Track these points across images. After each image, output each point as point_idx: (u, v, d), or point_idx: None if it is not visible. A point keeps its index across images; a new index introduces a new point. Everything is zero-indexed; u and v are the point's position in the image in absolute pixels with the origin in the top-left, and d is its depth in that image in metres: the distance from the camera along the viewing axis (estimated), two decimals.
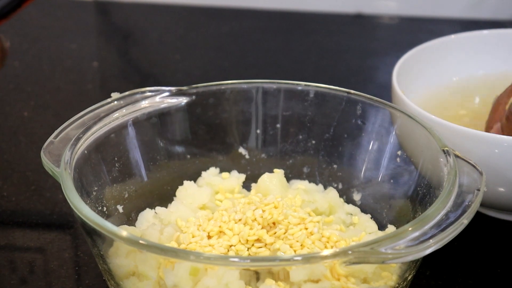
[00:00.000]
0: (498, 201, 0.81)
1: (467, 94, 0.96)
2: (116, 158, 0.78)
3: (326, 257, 0.62)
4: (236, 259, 0.64)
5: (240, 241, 0.70)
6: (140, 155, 0.80)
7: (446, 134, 0.75)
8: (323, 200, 0.78)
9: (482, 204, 0.80)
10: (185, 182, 0.80)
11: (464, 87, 0.96)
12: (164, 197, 0.80)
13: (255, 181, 0.80)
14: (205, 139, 0.84)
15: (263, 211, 0.71)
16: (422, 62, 0.94)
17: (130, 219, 0.78)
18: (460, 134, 0.78)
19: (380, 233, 0.77)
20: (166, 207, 0.79)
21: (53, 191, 0.90)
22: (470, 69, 0.97)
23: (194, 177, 0.81)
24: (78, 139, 0.74)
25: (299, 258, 0.62)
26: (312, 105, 0.83)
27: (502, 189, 0.79)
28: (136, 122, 0.80)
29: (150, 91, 0.81)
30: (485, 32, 0.97)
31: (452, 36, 0.97)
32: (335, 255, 0.62)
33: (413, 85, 0.92)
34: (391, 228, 0.76)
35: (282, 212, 0.71)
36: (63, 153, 0.72)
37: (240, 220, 0.71)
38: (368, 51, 1.23)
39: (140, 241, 0.64)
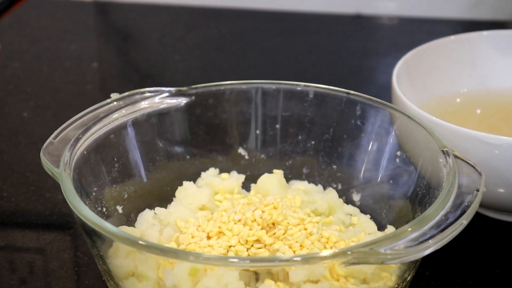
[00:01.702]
0: (497, 202, 0.81)
1: (467, 95, 0.96)
2: (115, 159, 0.78)
3: (325, 258, 0.62)
4: (235, 260, 0.64)
5: (239, 241, 0.70)
6: (140, 155, 0.80)
7: (446, 135, 0.75)
8: (322, 201, 0.78)
9: (482, 205, 0.80)
10: (185, 183, 0.80)
11: (465, 88, 0.96)
12: (164, 198, 0.80)
13: (255, 182, 0.80)
14: (204, 139, 0.84)
15: (263, 211, 0.71)
16: (422, 63, 0.94)
17: (129, 220, 0.78)
18: (460, 135, 0.78)
19: (380, 234, 0.77)
20: (166, 207, 0.79)
21: (52, 192, 0.90)
22: (470, 70, 0.97)
23: (194, 177, 0.81)
24: (77, 139, 0.74)
25: (298, 258, 0.62)
26: (312, 105, 0.83)
27: (501, 190, 0.79)
28: (136, 123, 0.80)
29: (149, 91, 0.81)
30: (485, 33, 0.97)
31: (452, 37, 0.97)
32: (334, 256, 0.62)
33: (413, 86, 0.92)
34: (390, 229, 0.76)
35: (281, 212, 0.71)
36: (63, 154, 0.72)
37: (239, 220, 0.71)
38: (367, 52, 1.23)
39: (140, 242, 0.64)
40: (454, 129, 0.79)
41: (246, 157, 0.84)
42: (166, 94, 0.81)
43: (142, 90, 0.81)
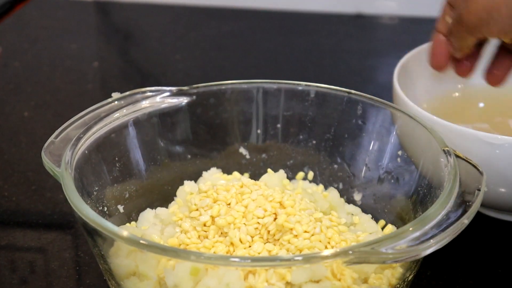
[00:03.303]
0: (499, 201, 0.81)
1: (468, 95, 0.95)
2: (116, 158, 0.78)
3: (326, 257, 0.62)
4: (236, 259, 0.64)
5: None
6: (141, 155, 0.80)
7: (447, 135, 0.75)
8: (323, 200, 0.78)
9: (483, 205, 0.80)
10: (186, 182, 0.80)
11: (465, 87, 0.96)
12: (165, 197, 0.80)
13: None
14: (205, 139, 0.84)
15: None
16: (423, 62, 0.93)
17: (130, 219, 0.78)
18: (461, 135, 0.78)
19: (381, 233, 0.77)
20: (167, 207, 0.79)
21: (53, 191, 0.90)
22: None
23: (195, 177, 0.81)
24: (78, 139, 0.74)
25: (299, 258, 0.62)
26: (313, 105, 0.83)
27: (503, 190, 0.79)
28: (137, 122, 0.80)
29: (150, 91, 0.81)
30: None
31: None
32: (335, 255, 0.62)
33: (414, 85, 0.91)
34: (391, 228, 0.76)
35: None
36: (64, 153, 0.72)
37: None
38: (368, 51, 1.23)
39: (141, 241, 0.64)
40: (455, 128, 0.78)
41: (247, 156, 0.84)
42: (167, 93, 0.81)
43: (143, 89, 0.81)
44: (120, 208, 0.78)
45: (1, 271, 0.80)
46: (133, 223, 0.78)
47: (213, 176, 0.81)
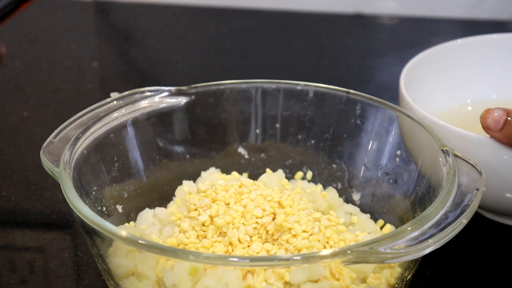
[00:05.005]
0: (505, 207, 0.80)
1: (475, 101, 0.94)
2: (115, 158, 0.78)
3: (325, 257, 0.62)
4: (235, 259, 0.64)
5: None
6: (140, 155, 0.80)
7: (455, 141, 0.75)
8: (322, 200, 0.78)
9: (490, 210, 0.80)
10: (185, 182, 0.80)
11: (473, 93, 0.95)
12: (164, 197, 0.80)
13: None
14: (204, 139, 0.84)
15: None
16: (429, 66, 0.92)
17: (129, 219, 0.78)
18: (471, 141, 0.77)
19: (380, 233, 0.77)
20: (166, 207, 0.79)
21: (52, 191, 0.90)
22: (479, 74, 0.95)
23: (194, 177, 0.81)
24: (77, 139, 0.74)
25: (298, 258, 0.62)
26: (312, 105, 0.83)
27: (509, 195, 0.78)
28: (136, 122, 0.80)
29: (149, 91, 0.81)
30: (494, 36, 0.95)
31: (459, 41, 0.95)
32: (334, 255, 0.62)
33: (420, 90, 0.90)
34: (390, 228, 0.77)
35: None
36: (63, 153, 0.72)
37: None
38: (367, 51, 1.23)
39: (140, 241, 0.64)
40: (466, 135, 0.77)
41: (246, 156, 0.84)
42: (166, 93, 0.81)
43: (142, 89, 0.81)
44: (119, 208, 0.78)
45: (0, 271, 0.80)
46: (131, 223, 0.78)
47: (212, 176, 0.81)
